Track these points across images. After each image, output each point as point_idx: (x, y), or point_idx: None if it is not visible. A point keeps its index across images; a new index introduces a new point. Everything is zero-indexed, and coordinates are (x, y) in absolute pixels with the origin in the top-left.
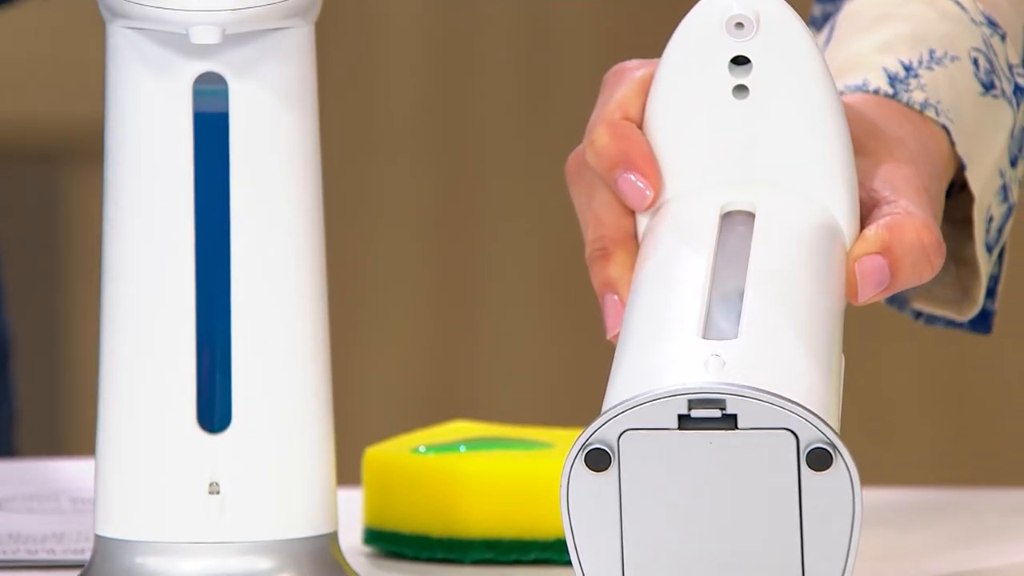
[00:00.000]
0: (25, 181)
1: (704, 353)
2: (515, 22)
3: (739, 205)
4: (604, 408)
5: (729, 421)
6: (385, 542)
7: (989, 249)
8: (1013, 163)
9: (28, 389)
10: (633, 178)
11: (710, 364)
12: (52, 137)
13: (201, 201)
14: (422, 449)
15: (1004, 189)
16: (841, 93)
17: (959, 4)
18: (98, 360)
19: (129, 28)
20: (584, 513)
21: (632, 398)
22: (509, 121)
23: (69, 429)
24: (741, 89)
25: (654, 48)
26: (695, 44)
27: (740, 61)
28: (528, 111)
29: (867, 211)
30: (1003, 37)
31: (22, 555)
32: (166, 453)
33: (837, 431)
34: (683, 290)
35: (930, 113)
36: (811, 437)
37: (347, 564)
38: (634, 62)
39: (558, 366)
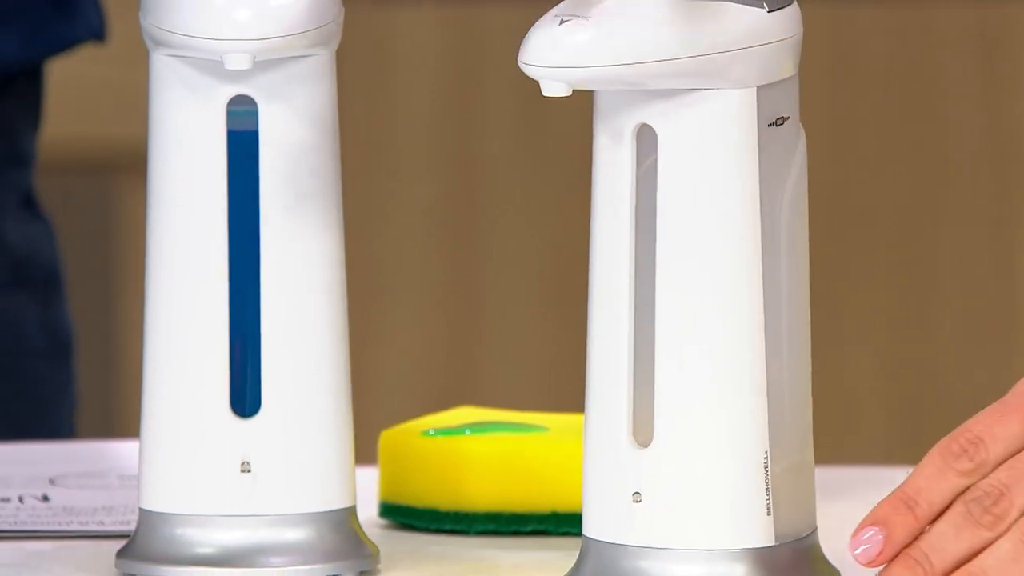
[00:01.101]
0: (84, 191)
1: None
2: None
3: None
4: None
5: None
6: (398, 515)
7: None
8: None
9: (85, 378)
10: None
11: None
12: (106, 152)
13: (234, 209)
14: (431, 432)
15: None
16: None
17: None
18: (142, 353)
19: (170, 56)
20: None
21: None
22: (511, 138)
23: (119, 414)
24: None
25: None
26: None
27: None
28: (528, 130)
29: None
30: None
31: (75, 526)
32: (203, 436)
33: None
34: None
35: None
36: None
37: (365, 534)
38: None
39: (553, 358)
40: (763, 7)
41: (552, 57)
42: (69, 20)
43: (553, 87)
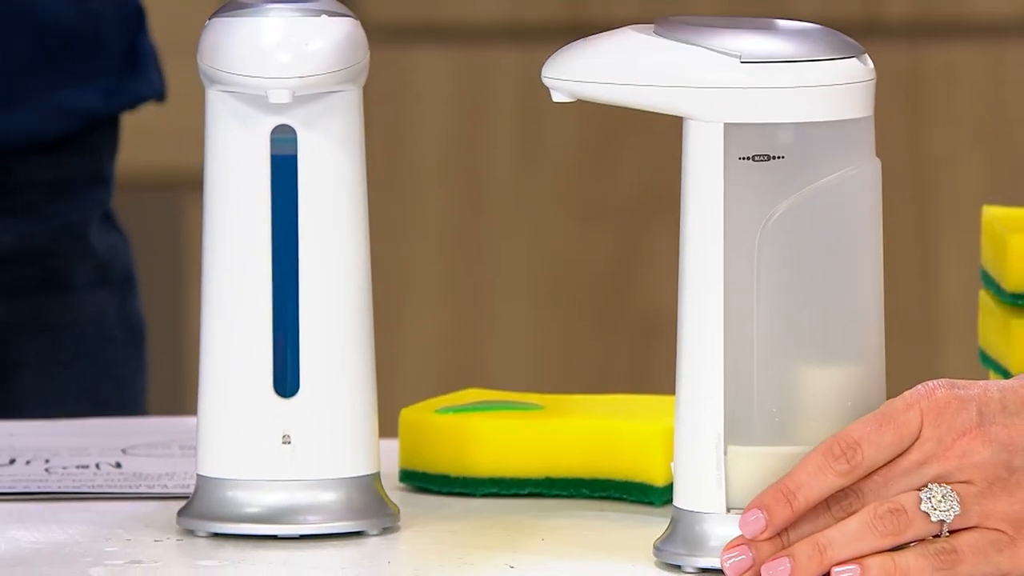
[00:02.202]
0: (157, 206)
1: None
2: (517, 90)
3: None
4: None
5: None
6: (415, 480)
7: None
8: None
9: (154, 363)
10: None
11: None
12: (174, 174)
13: (276, 221)
14: (444, 410)
15: None
16: None
17: None
18: (199, 343)
19: (223, 91)
20: None
21: None
22: (511, 162)
23: (182, 394)
24: None
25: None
26: None
27: None
28: (526, 155)
29: None
30: None
31: (143, 489)
32: (250, 412)
33: None
34: None
35: None
36: None
37: (387, 496)
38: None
39: (548, 347)
40: (737, 57)
41: (558, 72)
42: (139, 80)
43: (557, 96)
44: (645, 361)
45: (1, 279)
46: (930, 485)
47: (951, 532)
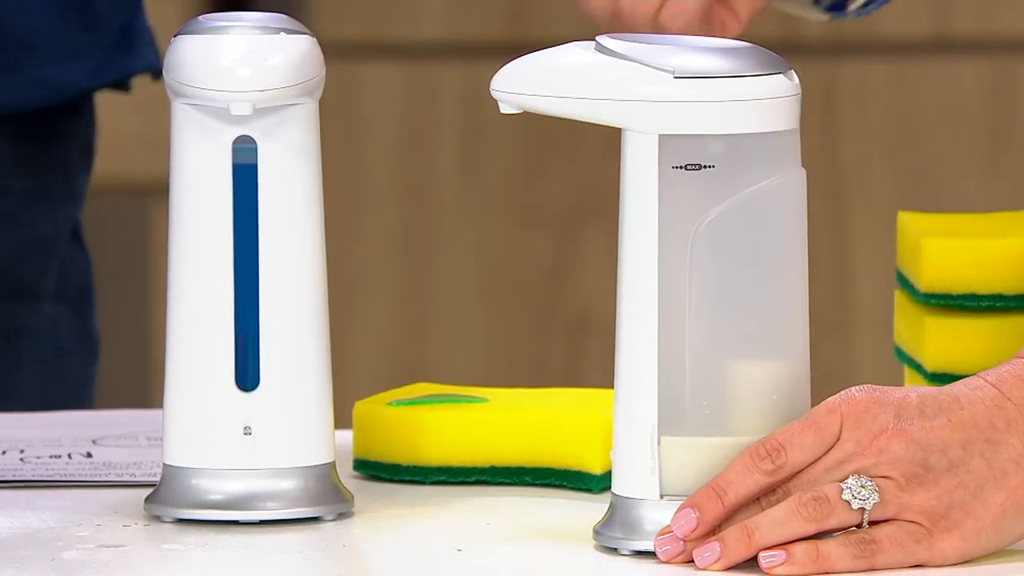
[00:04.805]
0: (125, 212)
1: None
2: (461, 103)
3: None
4: None
5: None
6: (368, 469)
7: None
8: None
9: (123, 358)
10: None
11: None
12: (141, 182)
13: (238, 227)
14: (395, 403)
15: None
16: None
17: None
18: (166, 341)
19: (187, 104)
20: None
21: None
22: (456, 170)
23: (148, 388)
24: None
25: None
26: None
27: None
28: (469, 164)
29: None
30: None
31: (112, 477)
32: (213, 405)
33: None
34: None
35: None
36: None
37: (342, 484)
38: None
39: (491, 343)
40: (671, 73)
41: (506, 85)
42: (131, 54)
43: (505, 108)
44: (580, 356)
45: None
46: (851, 476)
47: (871, 524)
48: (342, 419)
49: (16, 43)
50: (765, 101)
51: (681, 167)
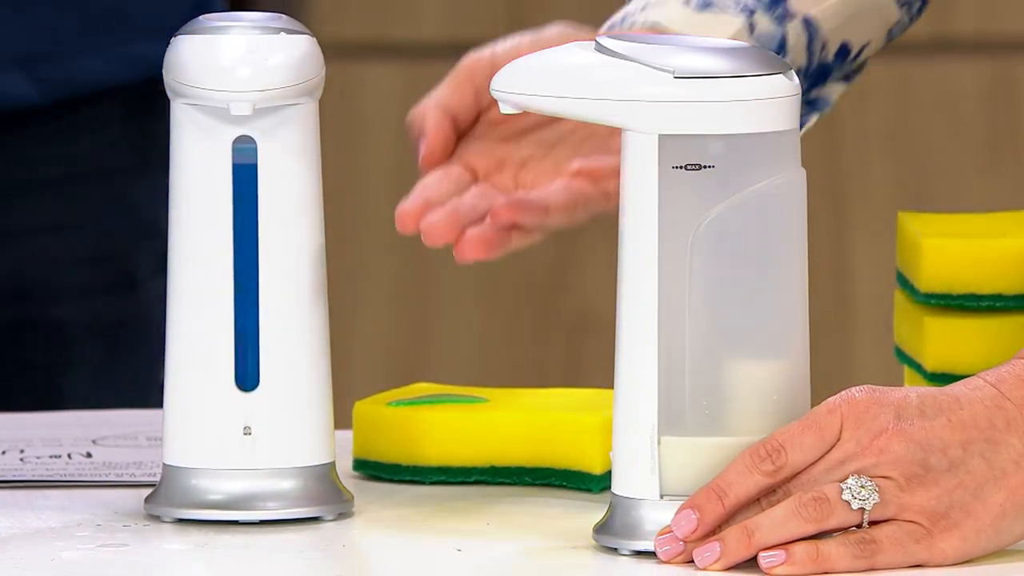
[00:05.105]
0: None
1: None
2: None
3: None
4: None
5: None
6: (368, 469)
7: None
8: None
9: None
10: None
11: None
12: None
13: (238, 226)
14: (395, 403)
15: None
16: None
17: None
18: (165, 340)
19: (187, 104)
20: None
21: None
22: None
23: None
24: None
25: None
26: None
27: None
28: None
29: None
30: None
31: (112, 477)
32: (213, 406)
33: None
34: None
35: None
36: None
37: (342, 484)
38: None
39: (491, 343)
40: (671, 73)
41: (506, 85)
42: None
43: (505, 108)
44: (579, 356)
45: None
46: (851, 477)
47: (871, 524)
48: (342, 419)
49: (113, 18)
50: (765, 101)
51: (681, 167)
